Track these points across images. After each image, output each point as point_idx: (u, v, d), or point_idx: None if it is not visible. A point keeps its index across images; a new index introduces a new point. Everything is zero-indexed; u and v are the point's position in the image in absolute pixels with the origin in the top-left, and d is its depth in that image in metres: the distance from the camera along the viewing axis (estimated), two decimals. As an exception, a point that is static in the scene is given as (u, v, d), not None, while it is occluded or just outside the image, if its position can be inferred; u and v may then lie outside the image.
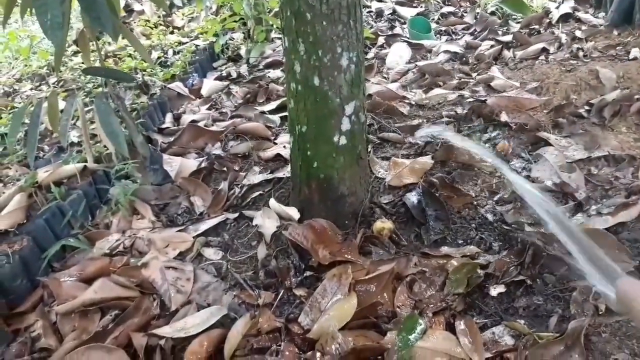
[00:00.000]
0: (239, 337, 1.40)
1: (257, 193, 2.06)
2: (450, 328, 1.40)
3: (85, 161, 2.23)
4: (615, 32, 2.94)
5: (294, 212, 1.83)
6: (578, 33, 3.06)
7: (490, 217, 1.78)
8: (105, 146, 2.30)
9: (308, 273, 1.64)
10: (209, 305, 1.58)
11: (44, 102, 2.08)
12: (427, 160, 2.05)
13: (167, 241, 1.85)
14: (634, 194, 1.75)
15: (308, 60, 1.56)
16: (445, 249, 1.66)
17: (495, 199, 1.86)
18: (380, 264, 1.61)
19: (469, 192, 1.90)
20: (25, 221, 1.94)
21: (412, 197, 1.86)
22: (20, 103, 3.14)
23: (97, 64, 2.66)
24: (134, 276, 1.70)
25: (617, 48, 2.73)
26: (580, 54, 2.77)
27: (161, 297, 1.63)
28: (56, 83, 3.47)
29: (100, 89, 3.01)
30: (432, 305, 1.48)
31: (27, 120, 2.52)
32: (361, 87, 1.67)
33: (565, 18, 3.40)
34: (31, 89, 3.50)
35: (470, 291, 1.51)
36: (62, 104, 2.38)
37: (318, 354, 1.31)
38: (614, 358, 1.25)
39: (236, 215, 1.97)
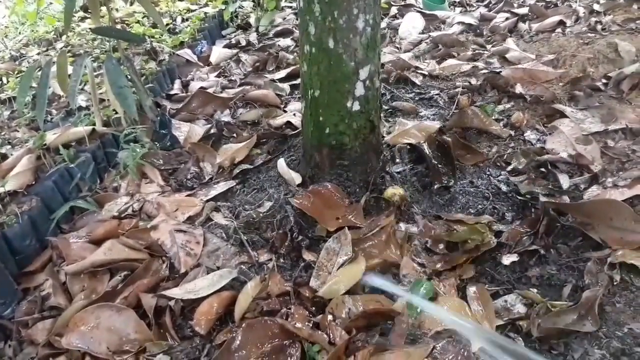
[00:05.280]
0: (249, 299, 1.39)
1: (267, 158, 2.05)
2: (462, 295, 1.39)
3: (94, 124, 2.21)
4: (635, 6, 2.85)
5: (296, 177, 1.82)
6: (596, 6, 2.97)
7: (503, 187, 1.76)
8: (114, 110, 2.28)
9: (315, 238, 1.64)
10: (218, 268, 1.57)
11: (53, 65, 2.05)
12: (433, 124, 2.02)
13: (177, 205, 1.84)
14: (651, 167, 1.72)
15: (323, 21, 1.52)
16: (459, 215, 1.64)
17: (509, 169, 1.83)
18: (380, 220, 1.61)
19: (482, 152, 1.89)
20: (33, 182, 1.94)
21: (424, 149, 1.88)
22: (27, 67, 3.10)
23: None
24: (143, 239, 1.69)
25: (637, 21, 2.65)
26: (599, 27, 2.70)
27: (170, 260, 1.62)
28: (64, 47, 3.43)
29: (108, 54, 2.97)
30: (442, 270, 1.47)
31: (35, 85, 2.49)
32: (376, 51, 1.63)
33: (583, -9, 3.31)
34: (38, 54, 3.46)
35: (482, 259, 1.50)
36: (70, 70, 2.35)
37: (329, 317, 1.30)
38: (628, 327, 1.24)
39: (245, 180, 1.96)
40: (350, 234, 1.56)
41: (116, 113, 2.25)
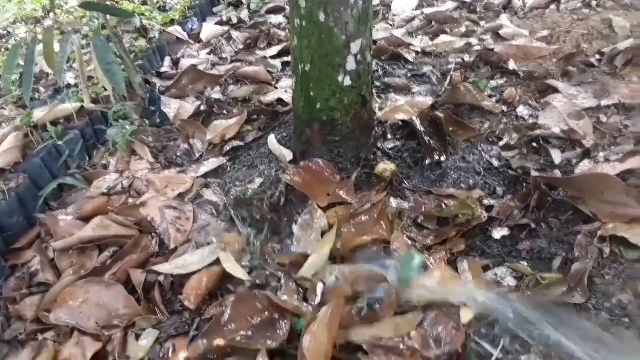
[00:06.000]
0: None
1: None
2: (452, 268, 1.39)
3: (82, 102, 2.17)
4: (630, -18, 2.83)
5: (287, 153, 1.81)
6: (591, -18, 2.95)
7: (495, 162, 1.75)
8: (103, 87, 2.24)
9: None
10: (208, 244, 1.56)
11: (39, 43, 2.01)
12: (425, 100, 2.00)
13: (167, 182, 1.82)
14: (644, 142, 1.72)
15: (313, -8, 1.50)
16: (450, 190, 1.64)
17: (501, 144, 1.82)
18: (371, 196, 1.61)
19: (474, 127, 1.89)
20: (21, 160, 1.92)
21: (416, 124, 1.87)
22: (12, 45, 3.05)
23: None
24: (133, 215, 1.68)
25: (632, -3, 2.64)
26: (593, 3, 2.67)
27: (160, 236, 1.61)
28: (52, 24, 3.37)
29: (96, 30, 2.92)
30: (432, 244, 1.47)
31: (22, 62, 2.45)
32: (368, 24, 1.60)
33: (578, -33, 3.27)
34: (26, 32, 3.41)
35: (473, 234, 1.49)
36: (58, 48, 2.30)
37: (319, 285, 1.29)
38: (617, 299, 1.24)
39: (236, 157, 1.94)
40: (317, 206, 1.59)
41: (105, 90, 2.22)
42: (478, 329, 1.22)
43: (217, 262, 1.45)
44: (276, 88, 2.36)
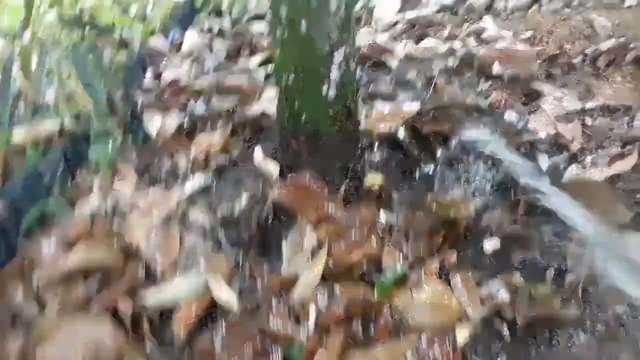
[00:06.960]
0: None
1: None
2: (445, 282, 1.37)
3: (63, 120, 2.12)
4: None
5: (273, 167, 1.78)
6: (571, -19, 2.95)
7: (483, 170, 1.73)
8: (84, 104, 2.19)
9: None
10: (196, 267, 1.52)
11: (16, 59, 1.96)
12: (410, 107, 1.98)
13: (151, 202, 1.78)
14: (629, 144, 1.71)
15: (295, 2, 1.46)
16: (437, 198, 1.62)
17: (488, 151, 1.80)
18: (360, 209, 1.59)
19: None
20: (0, 184, 1.86)
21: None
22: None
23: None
24: (118, 240, 1.63)
25: (612, -5, 2.65)
26: (575, 2, 2.69)
27: (146, 261, 1.57)
28: (30, 39, 3.30)
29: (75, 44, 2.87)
30: (423, 255, 1.45)
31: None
32: (351, 32, 1.58)
33: (558, -34, 3.27)
34: (1, 48, 3.33)
35: (464, 245, 1.48)
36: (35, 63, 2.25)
37: (312, 307, 1.27)
38: (611, 310, 1.23)
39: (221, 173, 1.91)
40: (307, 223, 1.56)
41: (86, 107, 2.17)
42: (475, 349, 1.20)
43: (206, 286, 1.42)
44: (260, 98, 2.33)
